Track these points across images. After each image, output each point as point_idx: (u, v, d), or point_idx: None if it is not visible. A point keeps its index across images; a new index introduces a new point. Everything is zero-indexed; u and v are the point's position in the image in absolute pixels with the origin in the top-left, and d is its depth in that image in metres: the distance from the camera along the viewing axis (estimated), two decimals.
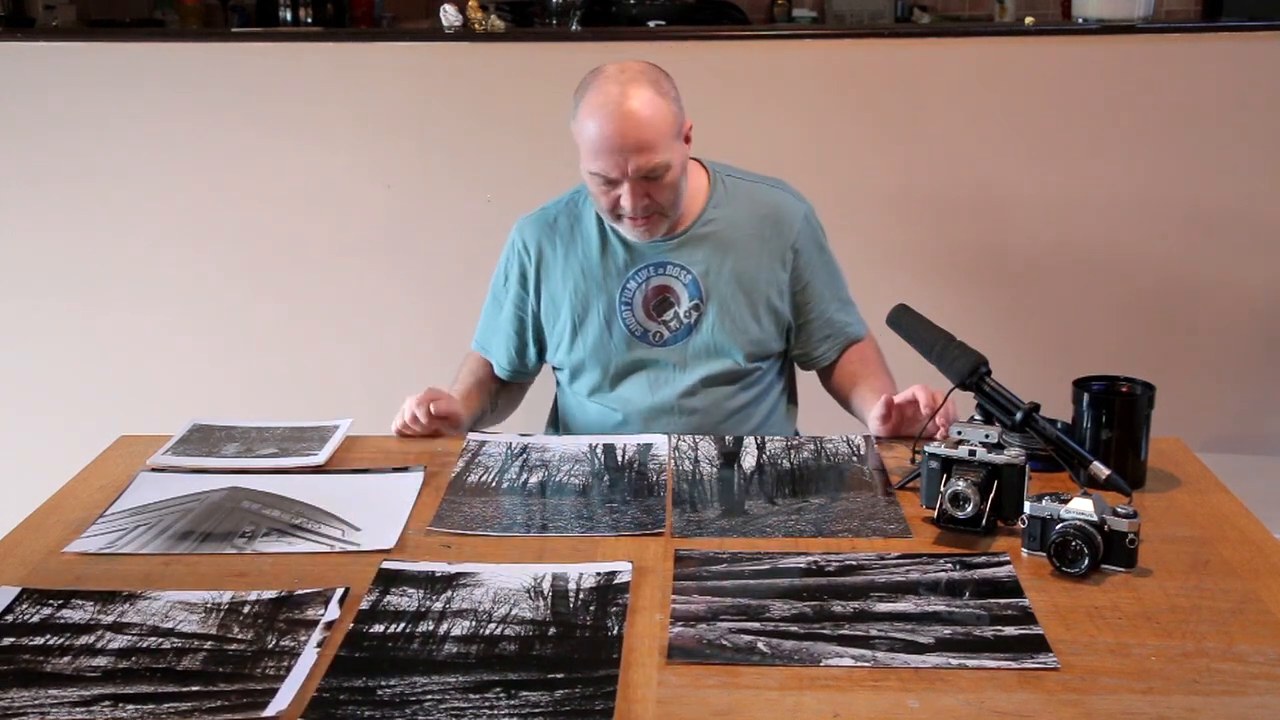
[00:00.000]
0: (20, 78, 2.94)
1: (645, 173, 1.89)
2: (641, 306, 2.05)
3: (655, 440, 1.88)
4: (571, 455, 1.83)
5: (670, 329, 2.05)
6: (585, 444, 1.88)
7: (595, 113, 1.88)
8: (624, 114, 1.86)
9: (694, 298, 2.03)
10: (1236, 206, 2.97)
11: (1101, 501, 1.45)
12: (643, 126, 1.86)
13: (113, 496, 1.70)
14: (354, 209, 3.00)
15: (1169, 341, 3.04)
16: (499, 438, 1.91)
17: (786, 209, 2.09)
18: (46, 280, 3.05)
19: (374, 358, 3.06)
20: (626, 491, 1.70)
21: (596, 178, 1.92)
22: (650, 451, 1.84)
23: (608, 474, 1.77)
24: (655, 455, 1.82)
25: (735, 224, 2.05)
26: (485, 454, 1.85)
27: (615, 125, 1.86)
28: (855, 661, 1.25)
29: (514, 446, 1.87)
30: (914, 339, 1.77)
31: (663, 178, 1.91)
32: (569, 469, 1.78)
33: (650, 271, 2.04)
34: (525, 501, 1.67)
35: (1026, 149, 2.96)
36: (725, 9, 3.99)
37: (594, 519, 1.61)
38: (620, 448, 1.86)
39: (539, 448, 1.87)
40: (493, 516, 1.62)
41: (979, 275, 3.03)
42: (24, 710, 1.17)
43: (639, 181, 1.90)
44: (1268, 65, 2.92)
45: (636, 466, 1.79)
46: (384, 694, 1.20)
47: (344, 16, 4.00)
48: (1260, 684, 1.21)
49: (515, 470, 1.77)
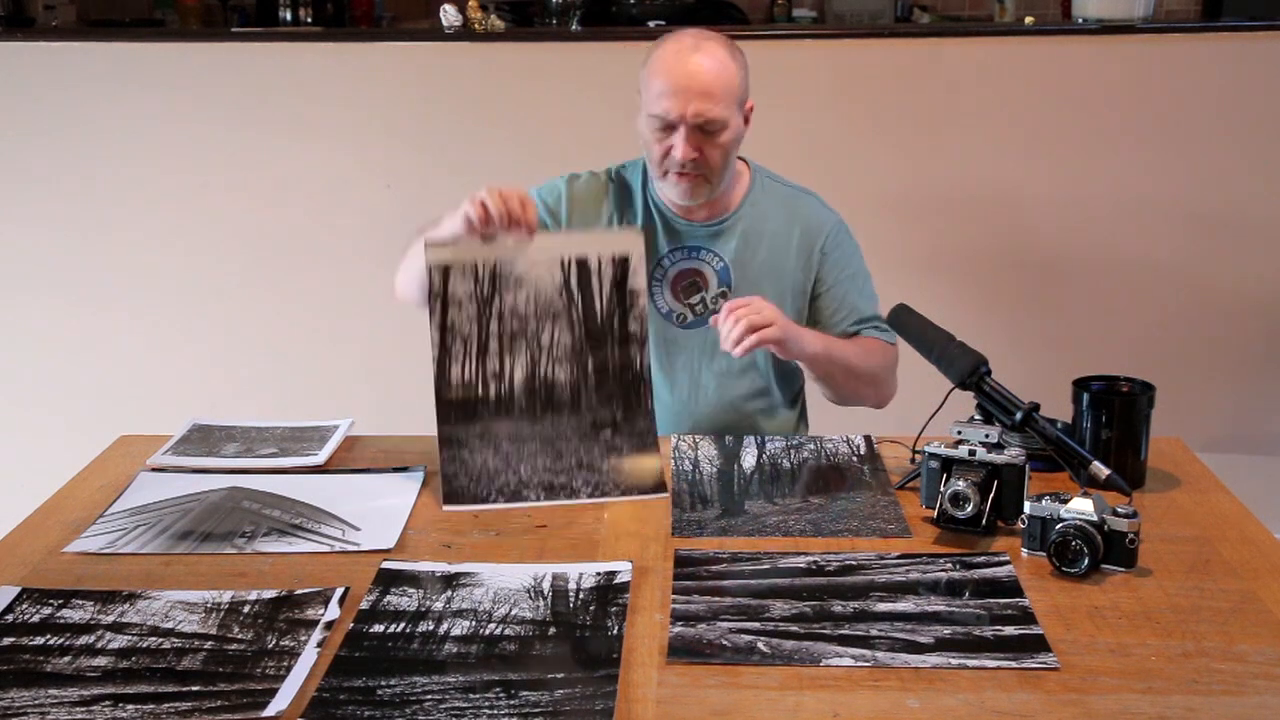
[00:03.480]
0: (20, 78, 2.94)
1: (703, 121, 1.90)
2: (670, 286, 2.06)
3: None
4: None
5: (695, 313, 2.06)
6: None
7: (666, 57, 1.92)
8: (694, 60, 1.91)
9: (723, 285, 2.06)
10: (1236, 206, 2.97)
11: (1101, 501, 1.45)
12: (709, 76, 1.90)
13: (113, 496, 1.70)
14: (354, 209, 3.00)
15: (1169, 341, 3.04)
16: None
17: (817, 216, 2.12)
18: (46, 280, 3.05)
19: (374, 358, 3.06)
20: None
21: (654, 121, 1.93)
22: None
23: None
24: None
25: (770, 221, 2.08)
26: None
27: (684, 68, 1.90)
28: (855, 661, 1.25)
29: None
30: (914, 339, 1.76)
31: (717, 135, 1.93)
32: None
33: (684, 254, 2.06)
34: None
35: (1026, 149, 2.96)
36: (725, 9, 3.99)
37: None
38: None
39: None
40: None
41: (979, 275, 3.03)
42: (24, 710, 1.17)
43: (694, 132, 1.91)
44: (1268, 65, 2.92)
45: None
46: (384, 694, 1.20)
47: (344, 16, 3.99)
48: (1260, 684, 1.21)
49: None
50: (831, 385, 2.03)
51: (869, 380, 2.04)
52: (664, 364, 2.07)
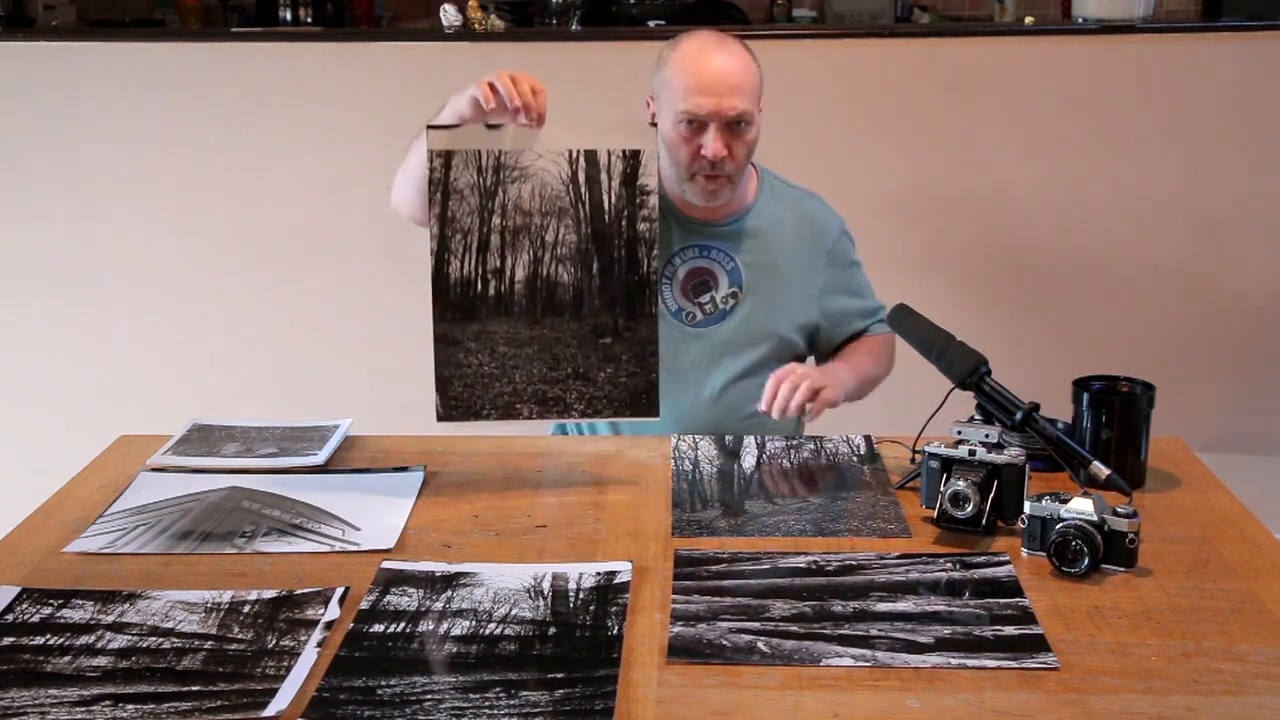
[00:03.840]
0: (20, 78, 2.94)
1: (734, 117, 1.91)
2: (680, 285, 2.06)
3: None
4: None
5: (705, 311, 2.07)
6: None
7: (691, 55, 1.93)
8: (719, 57, 1.92)
9: (733, 285, 2.06)
10: (1236, 206, 2.97)
11: (1101, 501, 1.45)
12: (737, 72, 1.92)
13: (113, 496, 1.70)
14: (354, 209, 2.99)
15: (1169, 341, 3.04)
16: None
17: (824, 219, 2.14)
18: (46, 280, 3.05)
19: (374, 358, 3.06)
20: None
21: (683, 122, 1.92)
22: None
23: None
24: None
25: (780, 223, 2.10)
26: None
27: (712, 65, 1.91)
28: (855, 661, 1.25)
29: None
30: (914, 339, 1.77)
31: (745, 133, 1.94)
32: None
33: (696, 252, 2.07)
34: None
35: (1026, 149, 2.96)
36: (725, 9, 3.99)
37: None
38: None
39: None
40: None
41: (979, 275, 3.03)
42: (24, 710, 1.17)
43: (725, 129, 1.92)
44: (1268, 65, 2.92)
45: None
46: (384, 694, 1.20)
47: (344, 16, 3.99)
48: (1260, 684, 1.21)
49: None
50: (856, 399, 2.06)
51: (883, 377, 2.13)
52: (670, 363, 2.07)
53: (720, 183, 1.97)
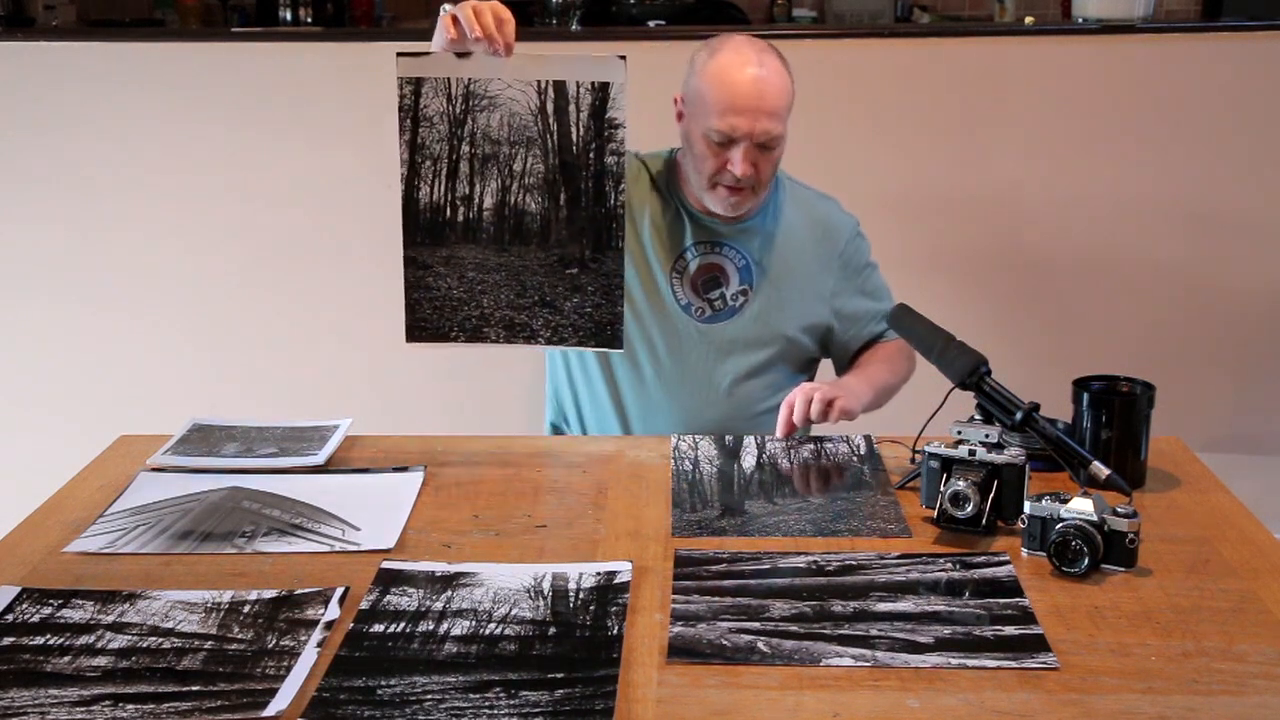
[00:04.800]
0: (20, 78, 2.94)
1: (766, 139, 1.90)
2: (691, 280, 2.06)
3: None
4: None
5: (714, 307, 2.07)
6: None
7: (731, 70, 1.90)
8: (762, 77, 1.89)
9: (744, 282, 2.06)
10: (1236, 206, 2.97)
11: (1101, 501, 1.45)
12: (776, 94, 1.90)
13: (113, 496, 1.70)
14: (354, 209, 2.99)
15: (1169, 341, 3.04)
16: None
17: (837, 222, 2.14)
18: (46, 280, 3.04)
19: (374, 358, 3.06)
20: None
21: (713, 137, 1.91)
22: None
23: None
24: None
25: (793, 223, 2.10)
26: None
27: (751, 85, 1.88)
28: (855, 661, 1.25)
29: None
30: (914, 339, 1.77)
31: (774, 151, 1.94)
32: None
33: (708, 248, 2.07)
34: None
35: (1026, 149, 2.96)
36: (725, 9, 3.99)
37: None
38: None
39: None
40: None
41: (979, 275, 3.03)
42: (24, 710, 1.17)
43: (754, 148, 1.91)
44: (1268, 65, 2.91)
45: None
46: (384, 694, 1.20)
47: (344, 16, 3.99)
48: (1260, 684, 1.21)
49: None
50: (875, 408, 2.06)
51: (902, 383, 2.12)
52: (678, 359, 2.07)
53: (744, 195, 1.97)
